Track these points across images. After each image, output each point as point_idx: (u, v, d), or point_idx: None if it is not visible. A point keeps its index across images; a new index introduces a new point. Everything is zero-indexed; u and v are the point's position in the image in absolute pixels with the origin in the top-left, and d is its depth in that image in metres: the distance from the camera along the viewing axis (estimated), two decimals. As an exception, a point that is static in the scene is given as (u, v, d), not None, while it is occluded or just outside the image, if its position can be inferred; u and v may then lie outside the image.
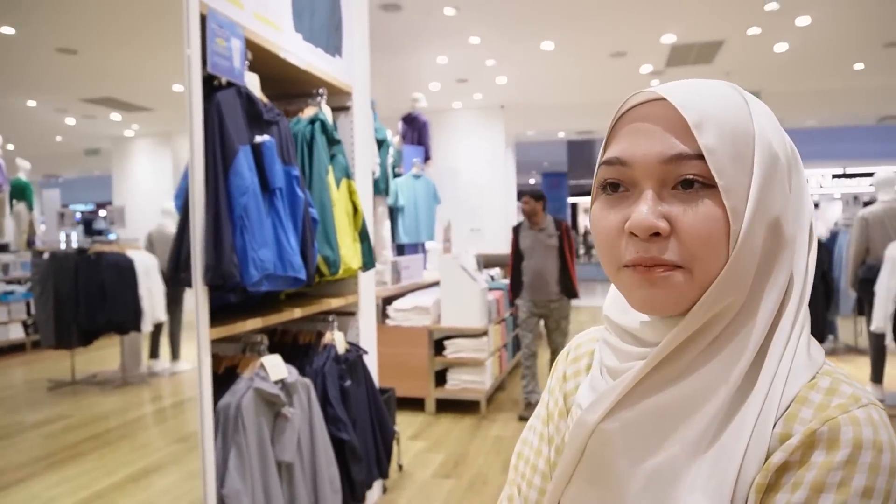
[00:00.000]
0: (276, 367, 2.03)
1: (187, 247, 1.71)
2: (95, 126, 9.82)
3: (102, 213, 14.27)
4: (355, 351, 2.62)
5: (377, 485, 2.89)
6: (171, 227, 5.80)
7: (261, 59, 2.07)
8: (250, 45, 1.92)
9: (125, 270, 5.16)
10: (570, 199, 19.11)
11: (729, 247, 0.50)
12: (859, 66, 7.76)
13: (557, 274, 4.30)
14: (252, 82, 1.96)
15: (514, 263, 4.41)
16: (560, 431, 0.67)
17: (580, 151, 16.27)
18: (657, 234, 0.50)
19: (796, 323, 0.52)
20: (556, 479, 0.62)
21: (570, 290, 4.36)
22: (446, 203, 6.06)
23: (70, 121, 9.56)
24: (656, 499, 0.51)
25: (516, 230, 4.44)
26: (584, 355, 0.69)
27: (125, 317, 5.12)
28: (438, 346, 4.60)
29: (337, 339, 2.53)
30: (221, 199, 1.70)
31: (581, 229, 21.58)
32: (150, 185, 10.48)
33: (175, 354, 6.01)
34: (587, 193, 17.02)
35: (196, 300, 1.69)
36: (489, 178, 9.38)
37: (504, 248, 9.72)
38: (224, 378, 1.97)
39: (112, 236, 8.50)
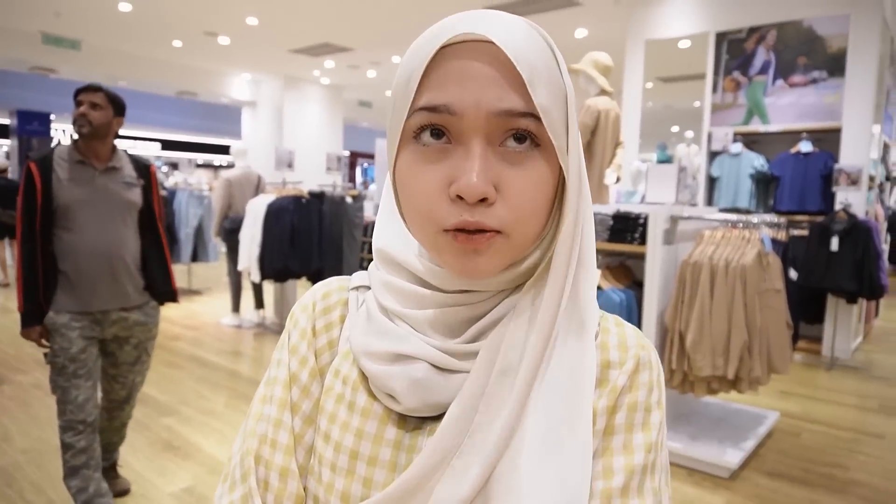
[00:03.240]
0: None
1: None
2: None
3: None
4: None
5: None
6: None
7: None
8: None
9: None
10: None
11: (549, 209, 0.50)
12: (178, 43, 8.79)
13: (139, 258, 2.31)
14: None
15: (28, 234, 2.11)
16: (311, 395, 0.57)
17: None
18: (485, 198, 0.46)
19: (590, 264, 0.54)
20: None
21: (164, 289, 2.38)
22: None
23: None
24: (511, 446, 0.48)
25: (44, 163, 2.12)
26: (337, 305, 0.61)
27: None
28: None
29: None
30: None
31: None
32: None
33: None
34: None
35: None
36: None
37: None
38: None
39: None
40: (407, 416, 0.52)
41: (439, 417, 0.51)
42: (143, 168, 2.37)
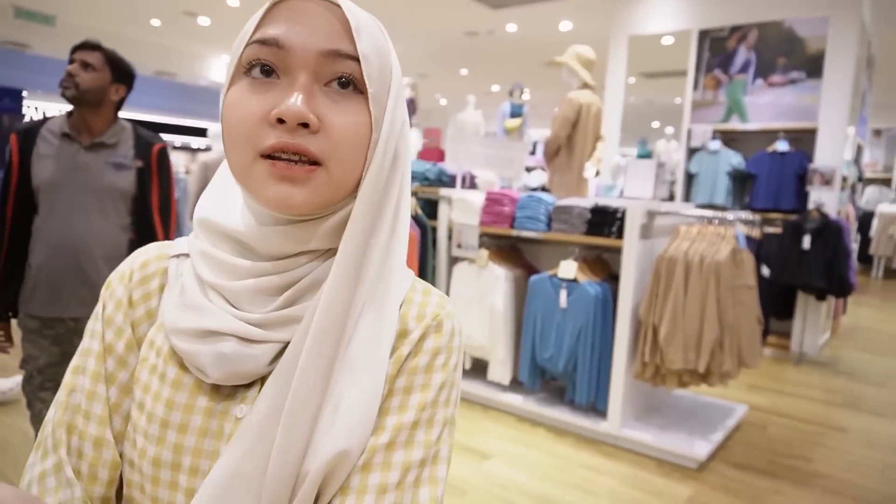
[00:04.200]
0: None
1: None
2: None
3: None
4: None
5: None
6: None
7: None
8: None
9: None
10: None
11: (367, 154, 0.52)
12: (156, 22, 8.61)
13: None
14: None
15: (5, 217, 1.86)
16: (128, 366, 0.57)
17: None
18: (305, 126, 0.49)
19: (403, 234, 0.58)
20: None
21: None
22: None
23: None
24: (323, 410, 0.50)
25: (27, 135, 1.83)
26: (155, 275, 0.60)
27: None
28: None
29: None
30: None
31: None
32: None
33: None
34: None
35: None
36: None
37: None
38: None
39: None
40: (220, 385, 0.54)
41: (252, 385, 0.54)
42: (145, 147, 1.94)
